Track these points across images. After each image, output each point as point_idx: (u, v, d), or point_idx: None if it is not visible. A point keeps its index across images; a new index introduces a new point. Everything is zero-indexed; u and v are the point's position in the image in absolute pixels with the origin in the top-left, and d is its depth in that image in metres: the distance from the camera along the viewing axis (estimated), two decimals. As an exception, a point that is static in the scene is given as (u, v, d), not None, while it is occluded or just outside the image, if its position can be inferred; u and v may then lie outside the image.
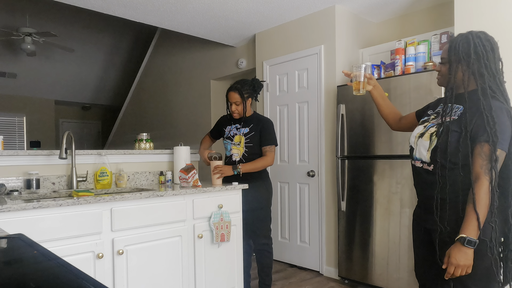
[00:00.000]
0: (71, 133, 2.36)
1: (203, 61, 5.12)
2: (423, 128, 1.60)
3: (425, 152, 1.54)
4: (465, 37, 1.50)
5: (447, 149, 1.44)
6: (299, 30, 3.66)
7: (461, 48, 1.48)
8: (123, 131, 7.36)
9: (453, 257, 1.38)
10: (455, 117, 1.47)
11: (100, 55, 7.46)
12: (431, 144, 1.50)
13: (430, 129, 1.55)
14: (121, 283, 1.99)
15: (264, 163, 2.63)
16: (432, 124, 1.57)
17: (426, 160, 1.54)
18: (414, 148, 1.61)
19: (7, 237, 0.95)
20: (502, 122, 1.38)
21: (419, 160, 1.58)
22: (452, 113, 1.49)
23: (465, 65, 1.47)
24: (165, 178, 2.75)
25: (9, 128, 7.70)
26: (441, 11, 3.29)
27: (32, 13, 5.80)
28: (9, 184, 2.20)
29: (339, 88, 3.22)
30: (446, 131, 1.46)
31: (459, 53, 1.48)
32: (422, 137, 1.56)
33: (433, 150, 1.49)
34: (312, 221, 3.55)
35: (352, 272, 3.14)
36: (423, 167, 1.57)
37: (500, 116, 1.38)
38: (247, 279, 2.83)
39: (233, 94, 2.64)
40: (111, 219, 1.97)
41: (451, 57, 1.52)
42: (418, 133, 1.61)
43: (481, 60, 1.45)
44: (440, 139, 1.47)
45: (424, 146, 1.54)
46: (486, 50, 1.45)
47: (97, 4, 3.33)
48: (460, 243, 1.37)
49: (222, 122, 2.87)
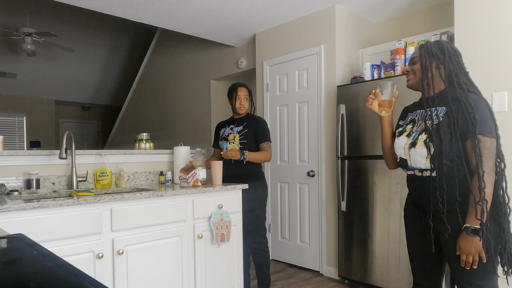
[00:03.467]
0: (71, 133, 2.36)
1: (203, 61, 5.12)
2: (410, 138, 1.62)
3: (423, 160, 1.56)
4: (435, 42, 1.61)
5: (444, 152, 1.49)
6: (299, 30, 3.67)
7: (434, 48, 1.58)
8: (123, 131, 7.36)
9: (462, 246, 1.47)
10: (440, 119, 1.53)
11: (100, 55, 7.46)
12: (429, 150, 1.53)
13: (420, 137, 1.57)
14: (121, 283, 1.99)
15: (265, 157, 2.73)
16: (418, 132, 1.60)
17: (426, 168, 1.56)
18: (407, 158, 1.63)
19: (7, 237, 0.95)
20: (483, 111, 1.47)
21: (417, 169, 1.61)
22: (433, 116, 1.55)
23: (439, 63, 1.56)
24: (165, 178, 2.75)
25: (9, 128, 7.71)
26: (441, 11, 3.29)
27: (32, 13, 5.80)
28: (9, 184, 2.20)
29: (339, 88, 3.22)
30: (438, 134, 1.51)
31: (432, 51, 1.57)
32: (415, 146, 1.58)
33: (432, 157, 1.52)
34: (312, 221, 3.55)
35: (352, 272, 3.14)
36: (423, 175, 1.59)
37: (480, 107, 1.47)
38: (247, 279, 2.83)
39: (244, 89, 2.78)
40: (111, 219, 1.97)
41: (424, 55, 1.59)
42: (406, 144, 1.63)
43: (453, 59, 1.56)
44: (435, 143, 1.50)
45: (420, 155, 1.56)
46: (455, 51, 1.58)
47: (97, 4, 3.33)
48: (465, 232, 1.46)
49: (218, 128, 2.96)
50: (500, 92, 2.35)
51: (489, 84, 2.39)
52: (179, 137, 5.45)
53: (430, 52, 1.58)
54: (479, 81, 2.43)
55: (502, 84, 2.35)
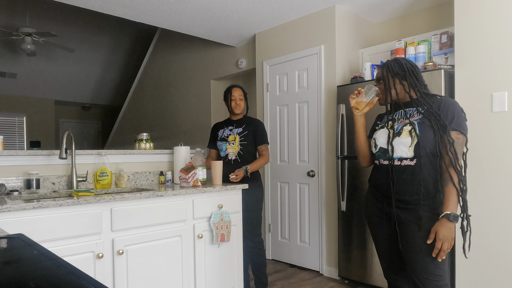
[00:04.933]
0: (71, 133, 2.36)
1: (203, 61, 5.12)
2: (392, 130, 1.74)
3: (406, 149, 1.67)
4: (394, 60, 1.78)
5: (427, 143, 1.62)
6: (299, 30, 3.66)
7: (394, 67, 1.76)
8: (123, 131, 7.36)
9: (441, 232, 1.55)
10: (419, 116, 1.67)
11: (100, 55, 7.46)
12: (413, 140, 1.65)
13: (404, 127, 1.69)
14: (121, 283, 1.99)
15: (263, 162, 2.80)
16: (401, 124, 1.72)
17: (408, 156, 1.67)
18: (389, 148, 1.73)
19: (7, 237, 0.95)
20: (459, 111, 1.63)
21: (396, 159, 1.71)
22: (415, 113, 1.70)
23: (401, 78, 1.74)
24: (165, 178, 2.75)
25: (9, 128, 7.70)
26: (441, 11, 3.29)
27: (32, 13, 5.80)
28: (9, 184, 2.20)
29: (339, 88, 3.22)
30: (421, 127, 1.64)
31: (393, 70, 1.75)
32: (400, 136, 1.69)
33: (416, 145, 1.64)
34: (312, 221, 3.55)
35: (352, 272, 3.14)
36: (401, 164, 1.69)
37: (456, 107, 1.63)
38: (247, 278, 2.84)
39: (238, 90, 2.83)
40: (111, 219, 1.97)
41: (386, 74, 1.76)
42: (390, 134, 1.74)
43: (411, 74, 1.73)
44: (420, 133, 1.63)
45: (404, 144, 1.67)
46: (413, 66, 1.76)
47: (97, 4, 3.33)
48: (445, 219, 1.55)
49: (215, 129, 2.98)
50: (500, 92, 2.35)
51: (489, 84, 2.39)
52: (179, 137, 5.45)
53: (392, 71, 1.75)
54: (479, 81, 2.43)
55: (502, 84, 2.35)
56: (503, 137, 2.32)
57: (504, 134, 2.32)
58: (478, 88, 2.43)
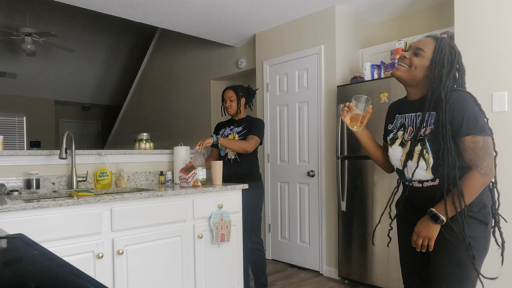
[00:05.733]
0: (71, 133, 2.36)
1: (203, 61, 5.12)
2: (405, 148, 1.56)
3: (423, 172, 1.50)
4: (450, 47, 1.50)
5: (443, 161, 1.43)
6: (299, 30, 3.66)
7: (447, 55, 1.48)
8: (123, 131, 7.36)
9: (417, 226, 1.49)
10: (431, 127, 1.46)
11: (100, 55, 7.46)
12: (427, 163, 1.47)
13: (416, 148, 1.50)
14: (121, 283, 1.99)
15: (241, 145, 2.63)
16: (411, 140, 1.53)
17: (427, 178, 1.51)
18: (404, 171, 1.57)
19: (7, 237, 0.95)
20: (471, 109, 1.40)
21: (416, 181, 1.54)
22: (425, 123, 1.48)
23: (446, 71, 1.46)
24: (165, 178, 2.75)
25: (9, 128, 7.70)
26: (441, 11, 3.29)
27: (32, 13, 5.80)
28: (9, 184, 2.20)
29: (339, 88, 3.22)
30: (433, 144, 1.45)
31: (445, 59, 1.47)
32: (412, 159, 1.51)
33: (432, 168, 1.47)
34: (312, 221, 3.55)
35: (352, 272, 3.14)
36: (423, 186, 1.53)
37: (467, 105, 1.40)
38: (247, 279, 2.84)
39: (228, 91, 2.83)
40: (111, 219, 1.97)
41: (435, 57, 1.48)
42: (402, 156, 1.57)
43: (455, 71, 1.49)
44: (433, 153, 1.45)
45: (419, 168, 1.50)
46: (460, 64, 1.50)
47: (97, 4, 3.33)
48: (426, 215, 1.46)
49: (217, 128, 2.99)
50: (500, 92, 2.35)
51: (489, 84, 2.39)
52: (179, 137, 5.45)
53: (442, 57, 1.47)
54: (479, 81, 2.43)
55: (502, 84, 2.35)
56: (503, 137, 2.32)
57: (504, 134, 2.32)
58: (478, 88, 2.42)
